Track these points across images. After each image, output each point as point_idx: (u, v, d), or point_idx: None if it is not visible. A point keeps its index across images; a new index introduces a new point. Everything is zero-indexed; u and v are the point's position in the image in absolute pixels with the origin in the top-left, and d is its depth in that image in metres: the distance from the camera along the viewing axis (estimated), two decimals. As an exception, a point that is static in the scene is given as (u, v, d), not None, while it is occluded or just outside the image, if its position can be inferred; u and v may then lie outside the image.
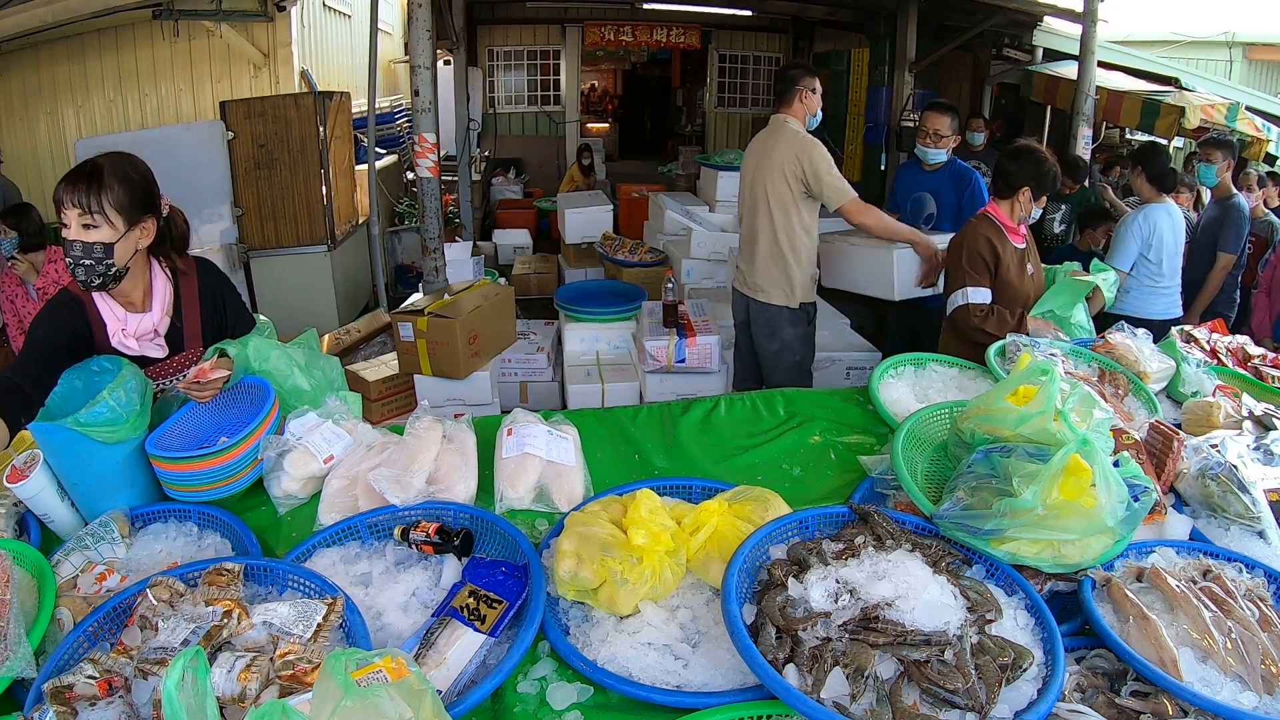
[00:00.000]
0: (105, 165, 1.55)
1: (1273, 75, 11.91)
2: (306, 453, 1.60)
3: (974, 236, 2.51)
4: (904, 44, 7.64)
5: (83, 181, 1.51)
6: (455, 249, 5.32)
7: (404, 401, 3.57)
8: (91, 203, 1.51)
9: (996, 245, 2.47)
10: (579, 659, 1.14)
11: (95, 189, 1.51)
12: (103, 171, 1.53)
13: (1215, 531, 1.47)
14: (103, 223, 1.53)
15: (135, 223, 1.58)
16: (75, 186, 1.51)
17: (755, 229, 3.13)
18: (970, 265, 2.48)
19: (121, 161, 1.58)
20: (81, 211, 1.51)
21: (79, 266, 1.54)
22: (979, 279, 2.46)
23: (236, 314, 1.82)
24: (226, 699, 0.98)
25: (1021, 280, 2.53)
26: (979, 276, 2.46)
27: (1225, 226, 3.77)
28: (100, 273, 1.55)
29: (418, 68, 3.79)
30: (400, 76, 9.47)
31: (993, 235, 2.49)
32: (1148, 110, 5.48)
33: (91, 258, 1.53)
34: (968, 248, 2.51)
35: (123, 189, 1.55)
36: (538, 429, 1.68)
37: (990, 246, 2.46)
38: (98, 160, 1.56)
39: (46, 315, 1.61)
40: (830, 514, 1.37)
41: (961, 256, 2.52)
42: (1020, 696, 1.03)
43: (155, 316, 1.67)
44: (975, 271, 2.47)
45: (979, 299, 2.45)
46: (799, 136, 3.02)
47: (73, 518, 1.49)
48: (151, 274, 1.67)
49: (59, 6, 4.71)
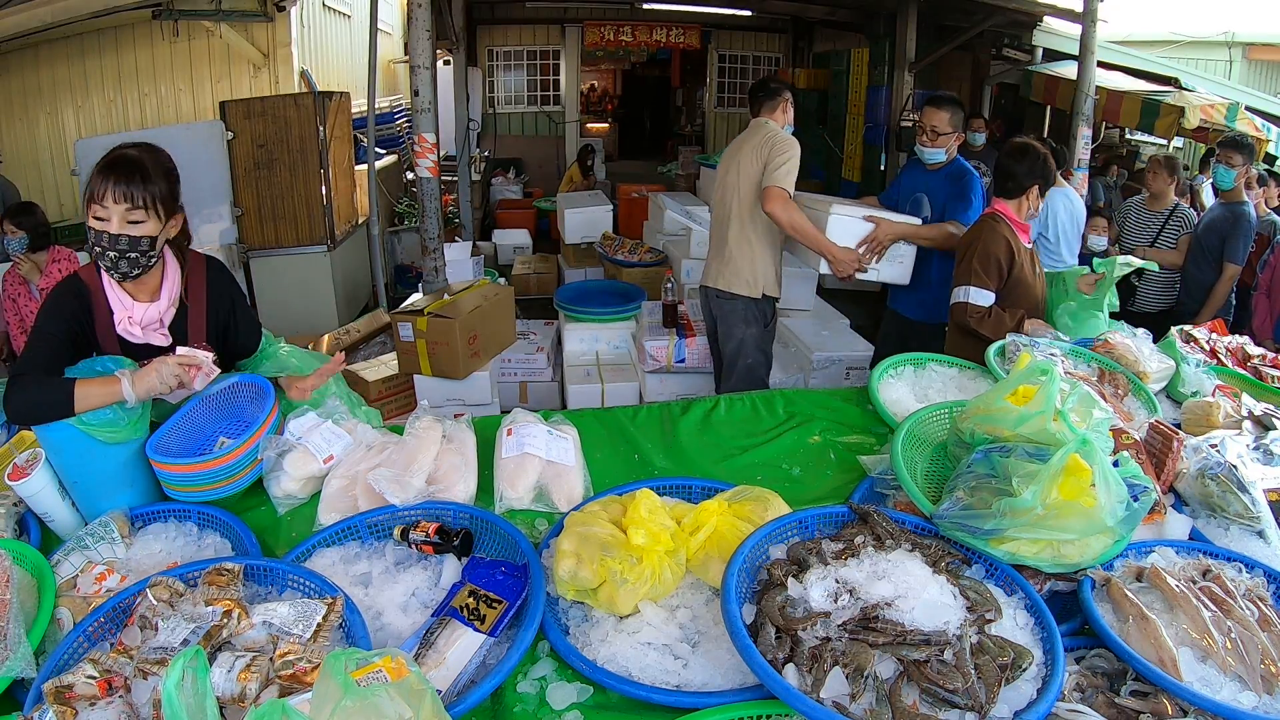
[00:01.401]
0: (145, 158, 1.52)
1: (1273, 75, 11.91)
2: (306, 453, 1.60)
3: (993, 237, 2.44)
4: (904, 44, 7.64)
5: (130, 173, 1.48)
6: (455, 249, 5.32)
7: (404, 401, 3.58)
8: (139, 196, 1.49)
9: (1014, 247, 2.43)
10: (579, 659, 1.14)
11: (142, 181, 1.49)
12: (145, 164, 1.51)
13: (1215, 531, 1.47)
14: (149, 216, 1.51)
15: (171, 215, 1.58)
16: (122, 179, 1.48)
17: (726, 218, 3.08)
18: (981, 265, 2.42)
19: (155, 153, 1.56)
20: (130, 206, 1.48)
21: (123, 259, 1.52)
22: (985, 280, 2.41)
23: (246, 321, 1.80)
24: (226, 699, 0.98)
25: (1035, 279, 2.51)
26: (986, 278, 2.41)
27: (1234, 236, 3.72)
28: (143, 264, 1.55)
29: (417, 68, 3.79)
30: (400, 76, 9.46)
31: (1010, 237, 2.44)
32: (1147, 110, 5.48)
33: (137, 250, 1.52)
34: (982, 247, 2.44)
35: (164, 182, 1.54)
36: (537, 429, 1.69)
37: (1008, 248, 2.41)
38: (132, 153, 1.52)
39: (53, 305, 1.59)
40: (830, 514, 1.37)
41: (974, 254, 2.44)
42: (1020, 696, 1.03)
43: (162, 306, 1.65)
44: (985, 273, 2.41)
45: (980, 300, 2.41)
46: (779, 132, 3.00)
47: (73, 517, 1.49)
48: (166, 264, 1.67)
49: (59, 6, 4.72)
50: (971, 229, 2.58)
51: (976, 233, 2.51)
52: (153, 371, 1.48)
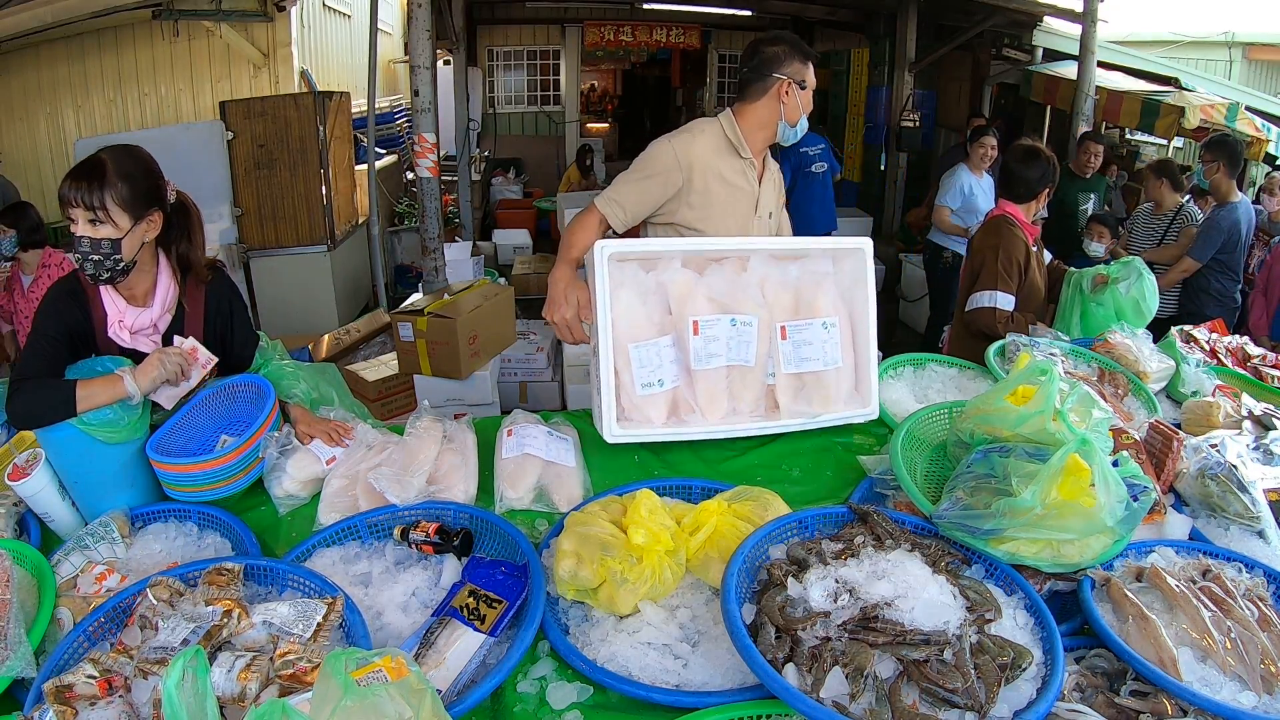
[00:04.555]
0: (108, 161, 1.53)
1: (1273, 75, 11.90)
2: (309, 453, 1.61)
3: (1012, 242, 2.43)
4: (904, 44, 7.64)
5: (85, 179, 1.50)
6: (455, 249, 5.33)
7: (404, 401, 3.58)
8: (94, 200, 1.50)
9: (1029, 250, 2.44)
10: (579, 659, 1.14)
11: (98, 186, 1.50)
12: (105, 168, 1.52)
13: (1215, 531, 1.47)
14: (108, 219, 1.52)
15: (141, 217, 1.57)
16: (78, 185, 1.50)
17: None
18: (1005, 270, 2.41)
19: (124, 155, 1.57)
20: (86, 209, 1.50)
21: (88, 261, 1.53)
22: (1010, 284, 2.41)
23: (243, 333, 1.80)
24: (226, 699, 0.98)
25: (1041, 280, 2.53)
26: (1011, 282, 2.41)
27: (1200, 233, 3.80)
28: (109, 267, 1.55)
29: (417, 68, 3.79)
30: (400, 76, 9.46)
31: (1024, 240, 2.45)
32: (1147, 110, 5.48)
33: (100, 253, 1.53)
34: (1005, 251, 2.42)
35: (125, 185, 1.54)
36: (537, 430, 1.69)
37: (1025, 252, 2.42)
38: (100, 156, 1.54)
39: (51, 306, 1.61)
40: (829, 514, 1.37)
41: (997, 258, 2.43)
42: (1019, 696, 1.03)
43: (155, 313, 1.66)
44: (1009, 277, 2.41)
45: (1006, 305, 2.40)
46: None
47: (73, 517, 1.49)
48: (158, 268, 1.67)
49: (59, 6, 4.71)
50: (988, 234, 2.53)
51: (995, 238, 2.47)
52: (155, 363, 1.50)
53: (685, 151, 1.92)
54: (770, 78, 1.95)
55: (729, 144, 1.99)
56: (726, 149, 1.99)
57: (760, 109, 1.98)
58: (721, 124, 2.00)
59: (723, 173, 1.97)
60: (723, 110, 2.04)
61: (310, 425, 1.69)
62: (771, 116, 1.98)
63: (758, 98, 1.97)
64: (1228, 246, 3.75)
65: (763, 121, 1.99)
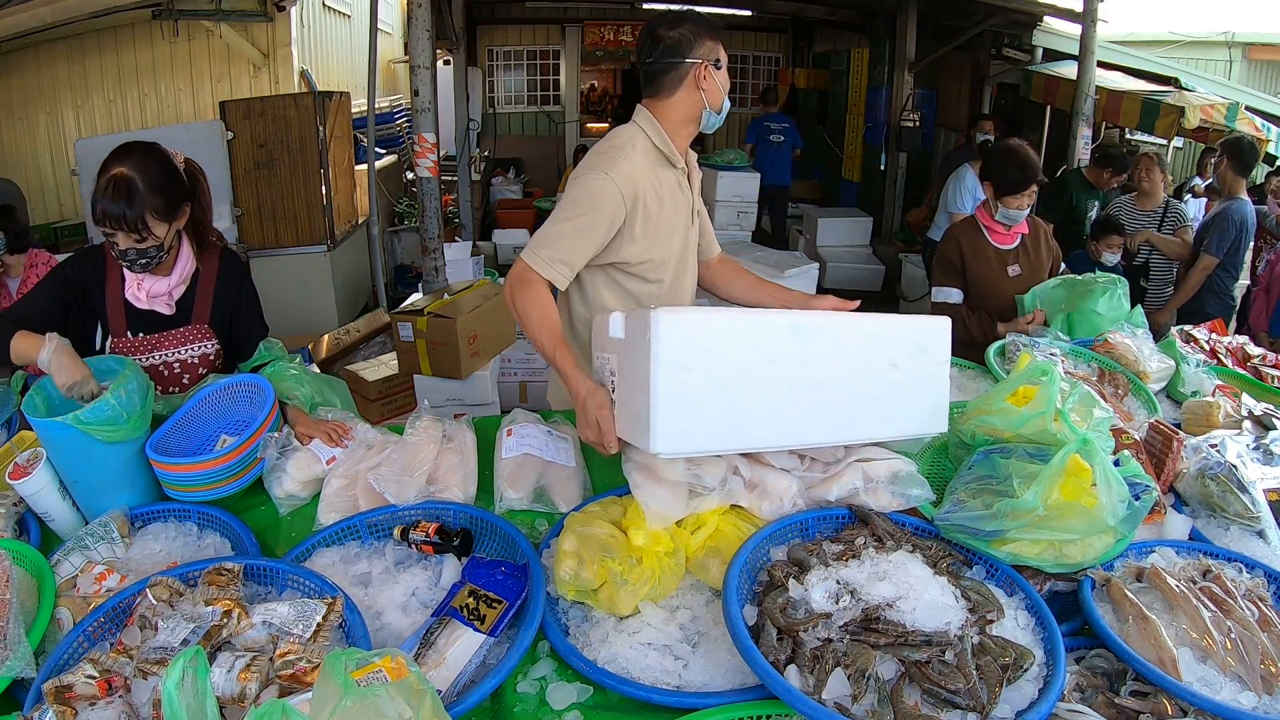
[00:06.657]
0: (136, 178, 1.56)
1: (1273, 75, 11.90)
2: (309, 454, 1.61)
3: (945, 240, 2.69)
4: (904, 44, 7.64)
5: (122, 204, 1.55)
6: (455, 249, 5.32)
7: (404, 401, 3.57)
8: (136, 224, 1.58)
9: (964, 247, 2.57)
10: (579, 659, 1.14)
11: (137, 208, 1.57)
12: (136, 187, 1.56)
13: (1215, 531, 1.47)
14: (149, 234, 1.61)
15: (175, 215, 1.67)
16: (116, 211, 1.55)
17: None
18: (938, 266, 2.66)
19: (146, 163, 1.60)
20: (128, 232, 1.58)
21: (134, 265, 1.65)
22: (943, 279, 2.62)
23: (250, 315, 1.86)
24: (226, 699, 0.97)
25: (1001, 279, 2.56)
26: (944, 278, 2.62)
27: (1213, 229, 3.78)
28: (157, 259, 1.67)
29: (417, 68, 3.79)
30: (400, 76, 9.46)
31: (964, 237, 2.59)
32: (1147, 110, 5.48)
33: (146, 257, 1.64)
34: (939, 250, 2.70)
35: (159, 198, 1.60)
36: (537, 429, 1.68)
37: (957, 248, 2.58)
38: (126, 174, 1.56)
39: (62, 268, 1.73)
40: (830, 515, 1.37)
41: (935, 257, 2.71)
42: (1021, 696, 1.03)
43: (172, 281, 1.75)
44: (941, 273, 2.63)
45: (948, 298, 2.58)
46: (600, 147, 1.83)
47: (73, 517, 1.49)
48: (180, 247, 1.76)
49: (59, 6, 4.71)
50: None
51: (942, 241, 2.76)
52: (75, 373, 1.48)
53: (627, 184, 1.67)
54: (683, 64, 1.71)
55: (660, 155, 1.76)
56: (659, 161, 1.77)
57: (680, 103, 1.75)
58: (646, 131, 1.76)
59: (660, 191, 1.75)
60: (638, 111, 1.81)
61: (309, 427, 1.69)
62: (694, 109, 1.75)
63: (673, 90, 1.74)
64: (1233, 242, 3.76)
65: (686, 116, 1.76)
